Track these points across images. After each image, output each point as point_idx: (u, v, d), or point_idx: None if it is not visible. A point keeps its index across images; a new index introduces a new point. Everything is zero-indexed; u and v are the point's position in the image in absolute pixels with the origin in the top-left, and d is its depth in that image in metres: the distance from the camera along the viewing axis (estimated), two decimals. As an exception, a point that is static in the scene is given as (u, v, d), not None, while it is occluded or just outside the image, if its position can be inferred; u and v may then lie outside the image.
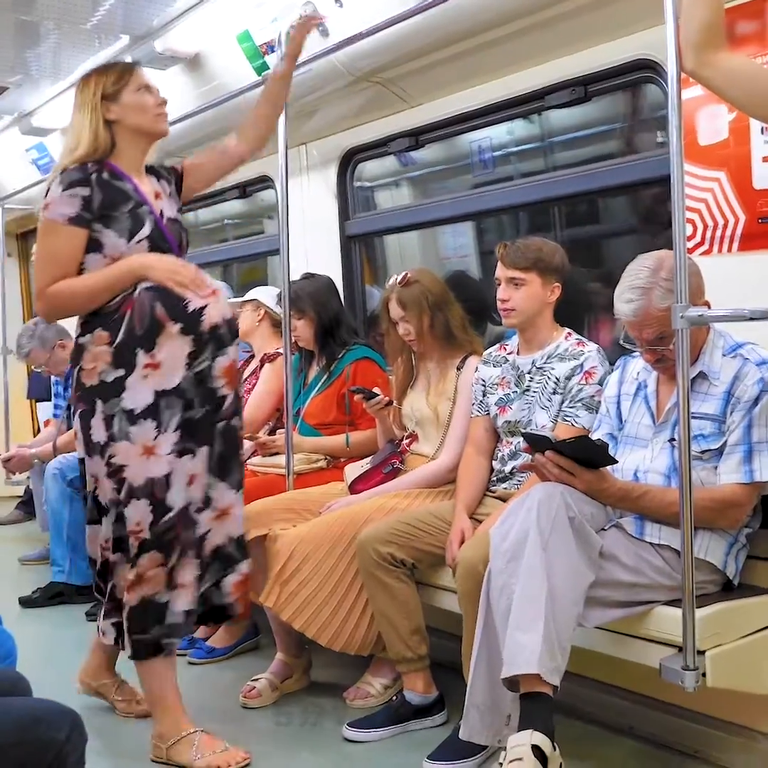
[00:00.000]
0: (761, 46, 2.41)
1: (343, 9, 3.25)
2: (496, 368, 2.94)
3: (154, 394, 2.50)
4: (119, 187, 2.57)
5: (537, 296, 2.80)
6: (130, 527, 2.52)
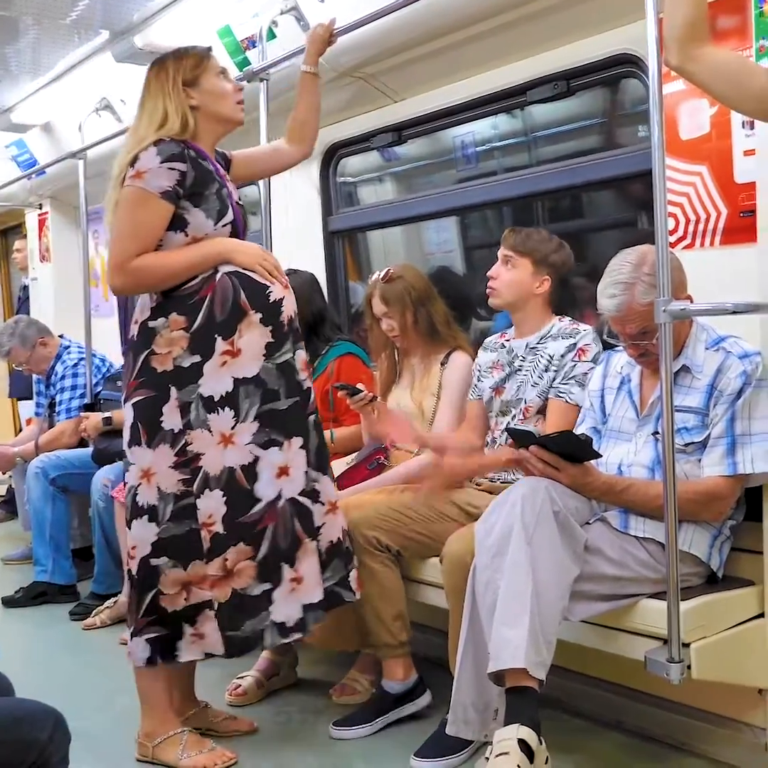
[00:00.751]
0: (742, 41, 2.41)
1: (325, 4, 3.24)
2: (492, 353, 2.96)
3: (233, 381, 2.45)
4: (204, 166, 2.51)
5: (523, 283, 2.83)
6: (202, 519, 2.44)
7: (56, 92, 4.92)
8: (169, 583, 2.46)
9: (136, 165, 2.43)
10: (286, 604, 2.48)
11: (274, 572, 2.47)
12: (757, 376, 2.26)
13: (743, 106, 2.05)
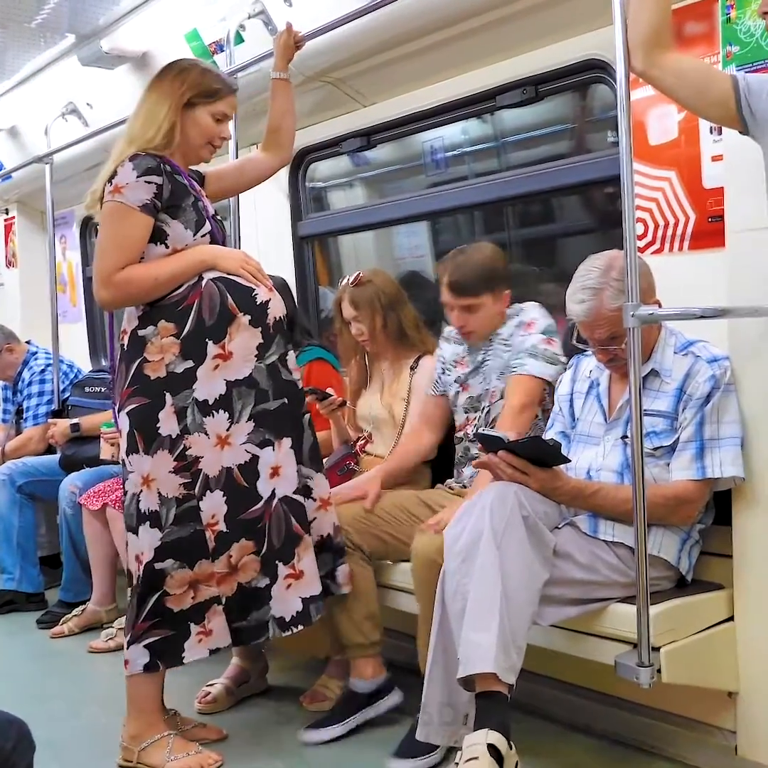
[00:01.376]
0: (709, 47, 2.43)
1: (293, 8, 3.23)
2: (457, 346, 2.96)
3: (225, 384, 2.48)
4: (180, 181, 2.54)
5: (493, 313, 2.83)
6: (206, 521, 2.47)
7: (22, 96, 4.88)
8: (176, 584, 2.49)
9: (114, 180, 2.47)
10: (283, 601, 2.53)
11: (270, 569, 2.52)
12: (726, 381, 2.27)
13: (706, 112, 2.07)
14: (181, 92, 2.54)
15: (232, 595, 2.51)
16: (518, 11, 2.83)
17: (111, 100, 4.26)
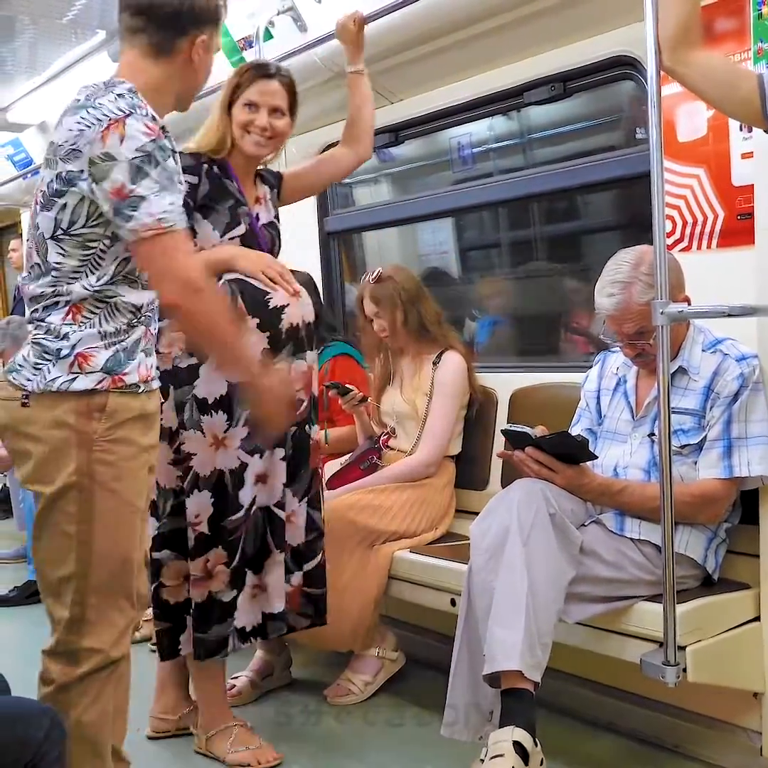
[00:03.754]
0: (740, 44, 2.41)
1: (322, 4, 3.24)
2: None
3: (227, 385, 2.45)
4: (225, 184, 2.55)
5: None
6: (189, 519, 2.47)
7: (52, 92, 4.91)
8: (172, 574, 2.53)
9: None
10: (246, 610, 2.53)
11: (239, 580, 2.52)
12: (754, 379, 2.26)
13: (732, 110, 2.05)
14: (225, 93, 2.58)
15: (200, 602, 2.49)
16: (546, 8, 2.82)
17: (140, 96, 4.28)
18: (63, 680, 1.88)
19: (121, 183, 1.79)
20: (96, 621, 1.89)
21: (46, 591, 1.93)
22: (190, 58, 2.00)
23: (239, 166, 2.60)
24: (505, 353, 3.91)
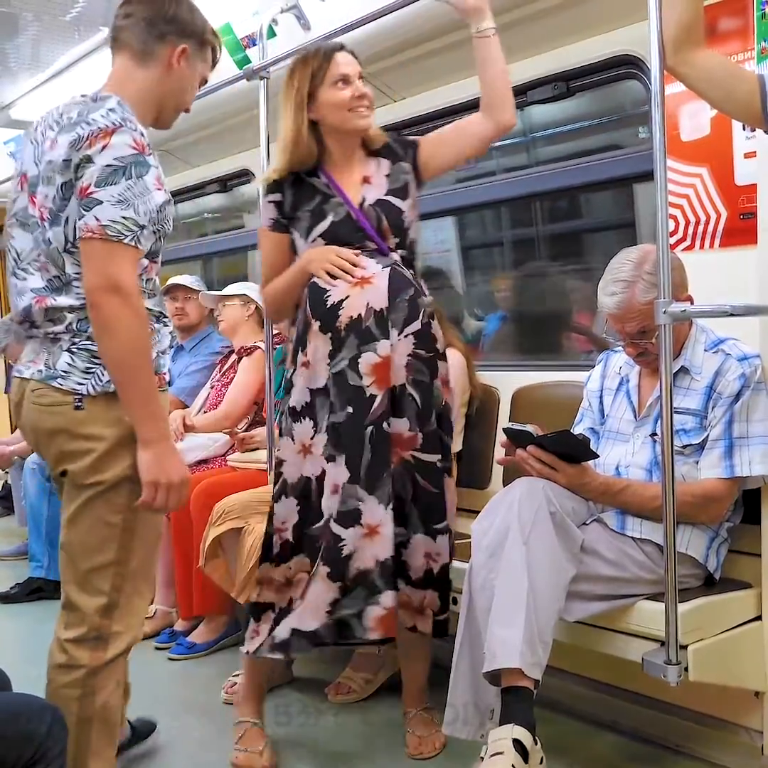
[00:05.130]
0: (744, 43, 2.41)
1: (325, 3, 3.24)
2: None
3: (309, 393, 2.46)
4: (310, 183, 2.53)
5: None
6: (276, 524, 2.50)
7: (56, 89, 4.90)
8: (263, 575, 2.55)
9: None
10: (285, 621, 2.47)
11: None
12: (756, 379, 2.26)
13: (732, 110, 2.06)
14: (294, 93, 2.48)
15: (283, 608, 2.47)
16: (549, 7, 2.82)
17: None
18: (94, 664, 1.96)
19: (87, 183, 1.87)
20: (124, 606, 1.99)
21: (73, 580, 1.99)
22: (170, 64, 2.08)
23: (336, 154, 2.53)
24: (511, 345, 3.92)
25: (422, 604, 2.47)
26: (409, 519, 2.44)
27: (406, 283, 2.43)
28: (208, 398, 3.96)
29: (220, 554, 3.08)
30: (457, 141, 2.56)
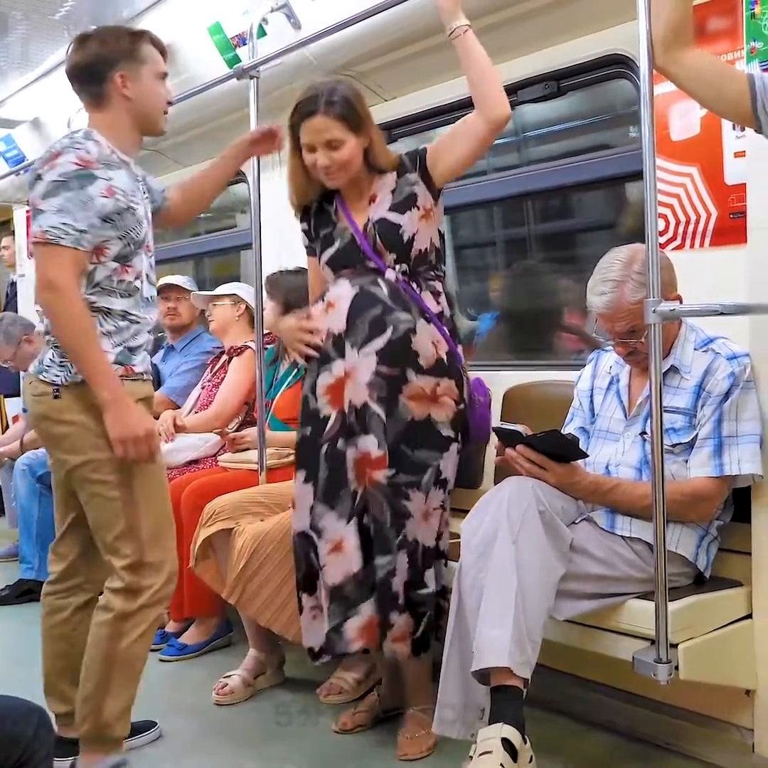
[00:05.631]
0: (733, 43, 2.41)
1: (316, 2, 3.23)
2: None
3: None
4: (327, 210, 2.63)
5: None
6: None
7: (45, 88, 4.90)
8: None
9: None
10: (309, 630, 2.53)
11: (299, 601, 2.58)
12: (745, 378, 2.26)
13: (722, 110, 2.06)
14: (289, 144, 2.58)
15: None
16: (539, 6, 2.82)
17: (132, 93, 4.28)
18: (125, 609, 2.31)
19: (35, 198, 2.24)
20: (155, 564, 2.33)
21: (105, 549, 2.35)
22: (122, 95, 2.37)
23: (344, 188, 2.58)
24: (505, 343, 3.92)
25: (403, 632, 2.45)
26: (390, 543, 2.42)
27: (372, 302, 2.45)
28: (199, 399, 3.96)
29: (211, 555, 3.08)
30: (455, 144, 2.53)
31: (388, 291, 2.46)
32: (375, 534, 2.42)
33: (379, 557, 2.41)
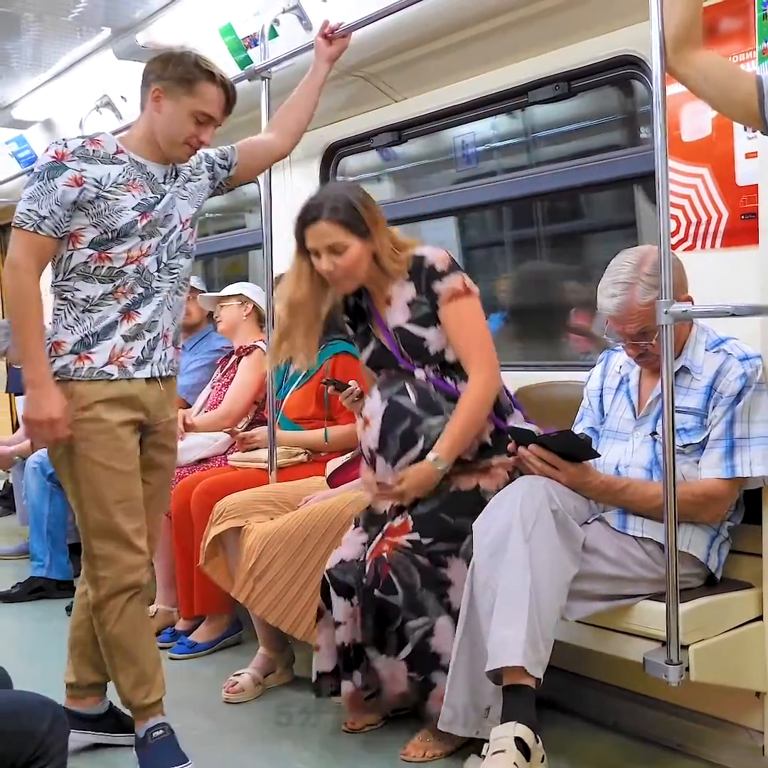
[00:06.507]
0: (745, 44, 2.41)
1: (327, 3, 3.24)
2: None
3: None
4: (359, 305, 2.72)
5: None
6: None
7: (57, 89, 4.91)
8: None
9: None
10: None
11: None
12: (757, 380, 2.26)
13: (730, 111, 2.06)
14: (295, 248, 2.65)
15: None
16: (551, 7, 2.82)
17: (144, 94, 4.29)
18: (94, 602, 2.49)
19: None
20: (103, 556, 2.45)
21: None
22: (153, 108, 2.49)
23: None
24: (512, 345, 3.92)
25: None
26: (425, 605, 2.42)
27: (401, 415, 2.53)
28: (209, 398, 3.97)
29: (220, 553, 3.09)
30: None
31: (416, 398, 2.52)
32: (404, 600, 2.41)
33: (412, 620, 2.41)
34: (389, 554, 2.44)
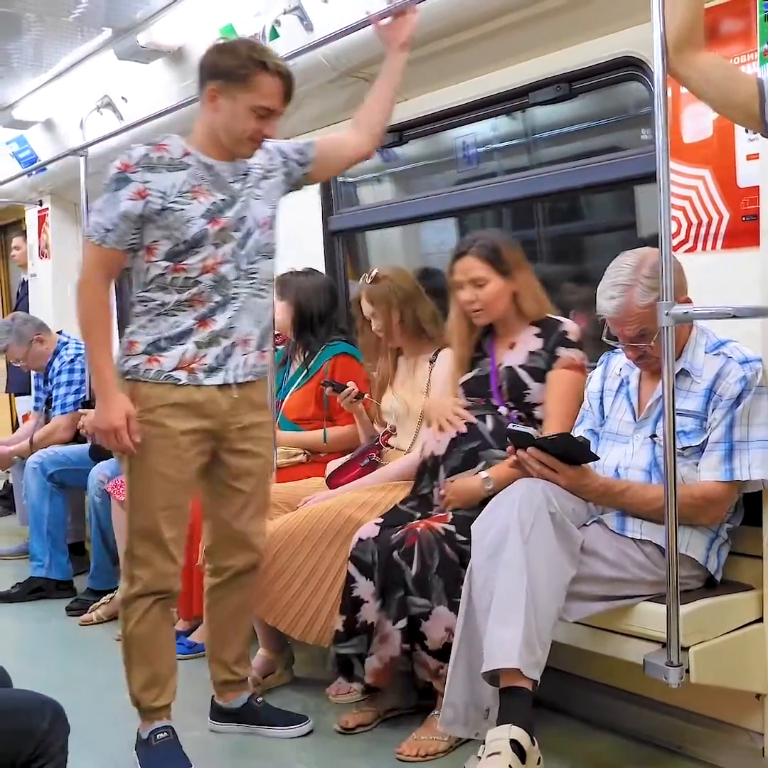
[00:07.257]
0: (746, 45, 2.41)
1: (328, 4, 3.24)
2: None
3: None
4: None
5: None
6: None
7: (58, 89, 4.92)
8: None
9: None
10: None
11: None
12: (757, 383, 2.26)
13: (731, 113, 2.06)
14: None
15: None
16: (552, 8, 2.82)
17: (146, 94, 4.30)
18: (123, 596, 2.54)
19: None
20: (140, 556, 2.50)
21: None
22: (211, 107, 2.43)
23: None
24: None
25: (438, 671, 2.49)
26: (432, 590, 2.46)
27: (474, 436, 2.68)
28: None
29: (220, 553, 3.08)
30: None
31: (492, 427, 2.68)
32: (416, 576, 2.48)
33: (415, 597, 2.49)
34: (422, 531, 2.51)
